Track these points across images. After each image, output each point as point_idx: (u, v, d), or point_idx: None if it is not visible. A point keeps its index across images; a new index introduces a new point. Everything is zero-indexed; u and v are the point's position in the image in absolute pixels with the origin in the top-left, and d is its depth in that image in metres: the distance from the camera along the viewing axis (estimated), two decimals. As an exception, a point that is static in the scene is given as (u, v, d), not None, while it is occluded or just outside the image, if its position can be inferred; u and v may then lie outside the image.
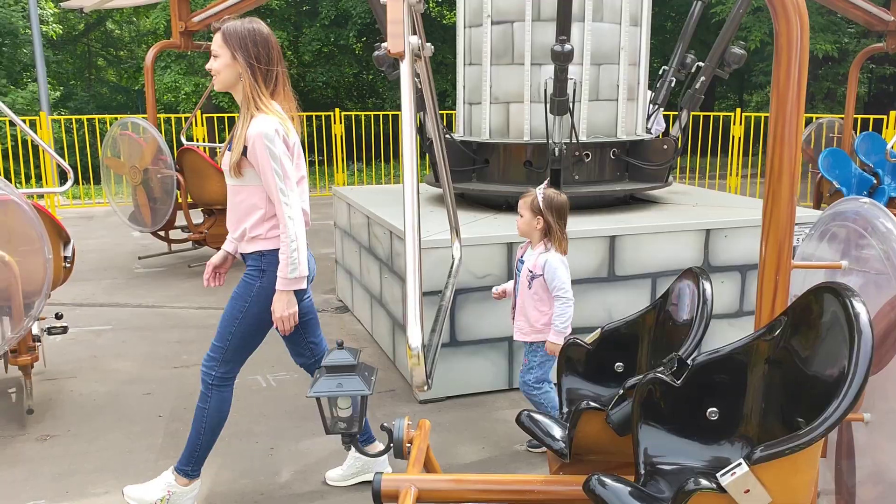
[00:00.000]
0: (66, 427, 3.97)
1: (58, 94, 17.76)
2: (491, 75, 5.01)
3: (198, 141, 10.33)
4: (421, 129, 4.94)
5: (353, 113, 12.40)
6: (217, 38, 2.86)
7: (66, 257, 4.07)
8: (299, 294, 3.07)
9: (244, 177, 2.88)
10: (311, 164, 14.37)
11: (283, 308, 2.98)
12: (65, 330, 4.43)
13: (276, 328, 3.05)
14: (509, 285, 3.74)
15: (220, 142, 13.79)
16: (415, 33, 1.66)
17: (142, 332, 5.59)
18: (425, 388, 1.39)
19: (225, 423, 3.16)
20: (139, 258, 7.73)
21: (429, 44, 1.83)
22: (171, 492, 3.11)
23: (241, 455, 3.69)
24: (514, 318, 3.62)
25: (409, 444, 2.29)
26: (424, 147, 4.89)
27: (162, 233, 7.47)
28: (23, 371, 4.13)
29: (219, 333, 3.11)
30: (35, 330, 4.08)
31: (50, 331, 4.35)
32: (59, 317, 4.40)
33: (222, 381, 3.11)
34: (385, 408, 4.18)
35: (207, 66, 2.97)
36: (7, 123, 11.66)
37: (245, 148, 2.82)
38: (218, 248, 7.33)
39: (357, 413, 2.36)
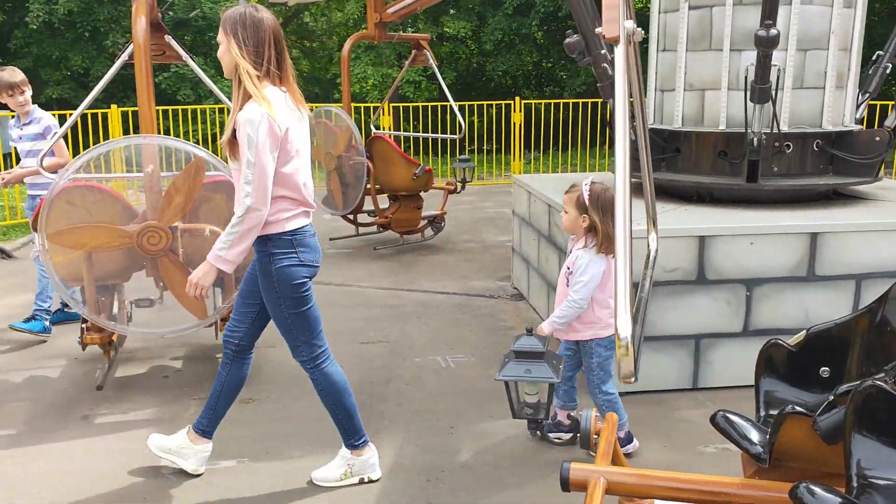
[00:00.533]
0: (266, 393, 4.28)
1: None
2: (686, 61, 4.83)
3: (384, 129, 10.75)
4: (610, 118, 4.86)
5: (531, 101, 12.39)
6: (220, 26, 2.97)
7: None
8: (302, 286, 3.09)
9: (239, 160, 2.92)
10: (488, 152, 14.54)
11: (197, 276, 3.04)
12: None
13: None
14: None
15: (405, 130, 14.26)
16: (629, 18, 1.63)
17: (331, 308, 5.91)
18: (632, 379, 1.38)
19: (351, 401, 3.31)
20: (330, 239, 8.17)
21: (639, 28, 1.79)
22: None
23: (422, 431, 3.82)
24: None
25: (595, 436, 2.27)
26: (612, 136, 4.80)
27: (351, 216, 7.85)
28: (229, 338, 4.49)
29: (281, 329, 3.18)
30: (238, 301, 4.42)
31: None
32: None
33: (316, 361, 3.24)
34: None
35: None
36: (215, 111, 12.66)
37: (234, 131, 2.89)
38: (401, 233, 7.66)
39: (545, 400, 2.38)
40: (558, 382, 2.30)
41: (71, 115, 8.65)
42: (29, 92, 4.98)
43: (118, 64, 4.14)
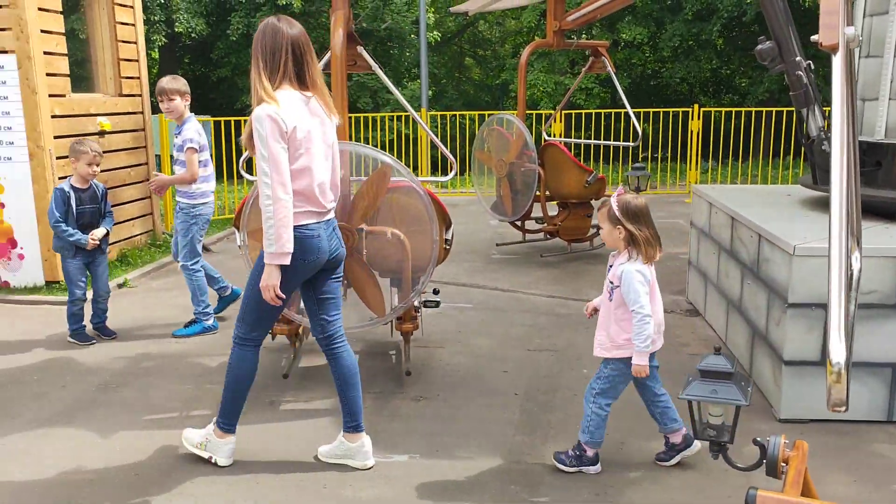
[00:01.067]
0: (436, 391, 4.40)
1: (430, 92, 19.66)
2: (893, 68, 4.47)
3: (555, 137, 10.72)
4: (804, 128, 4.59)
5: (710, 109, 11.91)
6: None
7: (447, 240, 4.49)
8: (326, 273, 3.39)
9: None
10: (662, 160, 14.12)
11: (265, 280, 3.18)
12: (438, 304, 4.90)
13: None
14: (599, 301, 3.40)
15: (576, 138, 14.15)
16: (849, 23, 1.54)
17: (498, 313, 5.98)
18: (843, 409, 1.30)
19: (248, 384, 3.51)
20: (497, 245, 8.26)
21: (859, 35, 1.68)
22: (209, 439, 3.52)
23: (591, 443, 3.77)
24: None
25: (783, 464, 2.16)
26: (805, 146, 4.53)
27: (518, 223, 7.90)
28: (404, 337, 4.66)
29: (242, 301, 3.45)
30: (416, 302, 4.57)
31: (426, 304, 4.84)
32: (436, 292, 4.87)
33: (242, 341, 3.45)
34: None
35: None
36: (393, 118, 13.15)
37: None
38: (569, 241, 7.60)
39: (730, 422, 2.29)
40: (746, 405, 2.20)
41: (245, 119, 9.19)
42: (179, 101, 5.18)
43: (315, 75, 4.39)
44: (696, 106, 11.66)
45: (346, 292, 4.45)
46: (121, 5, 7.16)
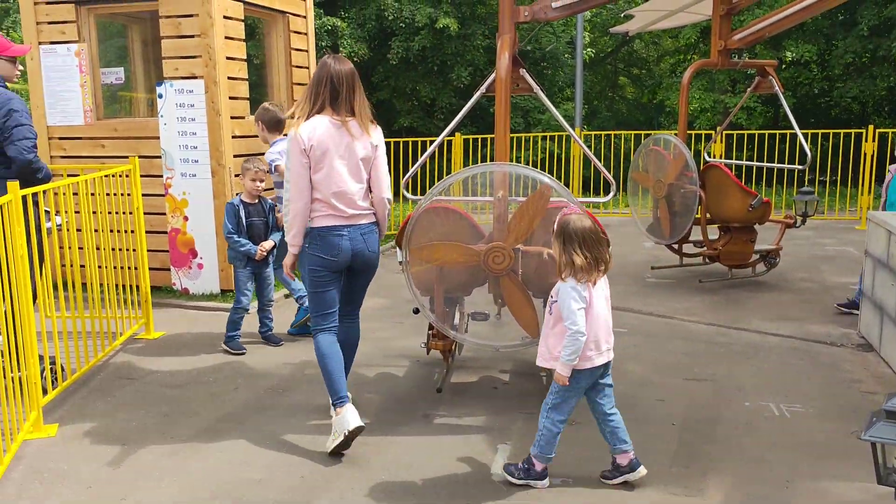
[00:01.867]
0: (589, 416, 4.27)
1: (583, 111, 19.50)
2: None
3: (715, 157, 10.35)
4: None
5: (888, 130, 11.08)
6: None
7: (604, 261, 4.44)
8: (357, 271, 4.13)
9: None
10: (831, 183, 13.29)
11: (284, 260, 4.07)
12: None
13: None
14: None
15: (737, 159, 13.60)
16: None
17: (651, 338, 5.83)
18: None
19: (334, 362, 3.95)
20: (651, 268, 8.06)
21: None
22: (334, 423, 3.89)
23: (753, 481, 3.61)
24: None
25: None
26: None
27: (675, 246, 7.68)
28: (557, 358, 4.63)
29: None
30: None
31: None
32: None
33: (314, 329, 4.05)
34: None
35: None
36: (546, 139, 13.17)
37: None
38: (729, 267, 7.30)
39: (920, 468, 2.13)
40: None
41: (417, 140, 9.46)
42: (258, 128, 5.80)
43: (477, 95, 4.51)
44: (870, 127, 10.91)
45: (500, 311, 4.50)
46: (296, 32, 7.63)
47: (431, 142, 10.67)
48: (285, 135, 5.26)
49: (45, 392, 4.34)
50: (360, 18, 14.96)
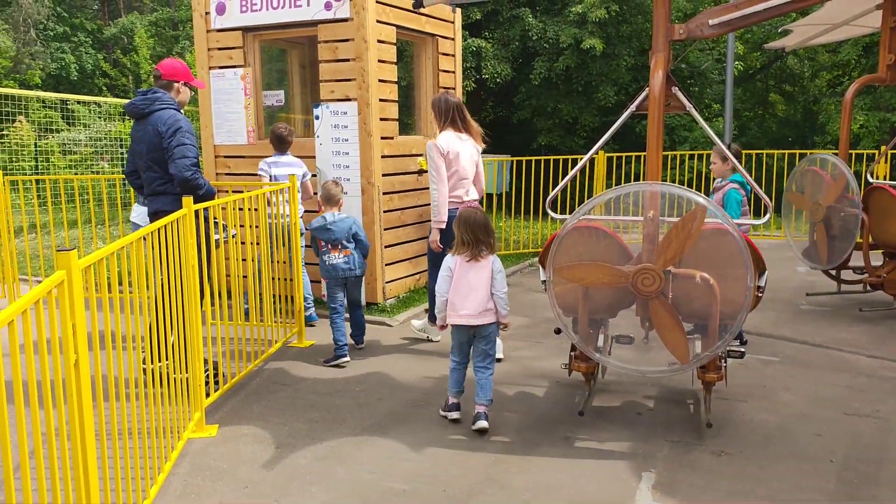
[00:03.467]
0: (738, 447, 4.16)
1: (733, 129, 18.72)
2: None
3: (880, 178, 9.68)
4: None
5: None
6: None
7: (759, 287, 4.26)
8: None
9: None
10: None
11: (431, 238, 5.77)
12: (742, 355, 4.64)
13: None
14: None
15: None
16: None
17: (807, 369, 5.51)
18: None
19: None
20: (807, 294, 7.63)
21: None
22: (426, 327, 6.10)
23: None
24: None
25: None
26: None
27: (833, 272, 7.23)
28: (706, 387, 4.47)
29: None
30: (720, 351, 4.37)
31: (729, 353, 4.61)
32: (744, 343, 4.62)
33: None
34: None
35: None
36: (694, 157, 12.78)
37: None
38: (895, 296, 6.79)
39: None
40: None
41: (559, 158, 9.39)
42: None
43: (627, 114, 4.45)
44: None
45: (647, 335, 4.40)
46: (444, 54, 7.82)
47: (573, 160, 10.63)
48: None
49: (207, 394, 4.63)
50: (503, 39, 15.13)
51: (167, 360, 3.94)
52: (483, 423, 4.36)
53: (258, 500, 3.64)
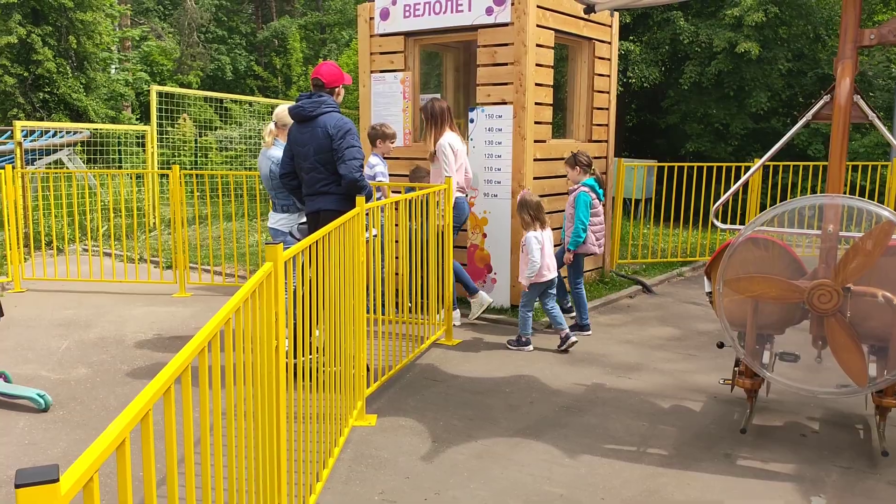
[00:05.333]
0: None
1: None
2: None
3: None
4: None
5: None
6: None
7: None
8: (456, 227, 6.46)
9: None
10: None
11: (448, 217, 6.28)
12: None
13: None
14: None
15: None
16: None
17: None
18: None
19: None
20: None
21: None
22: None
23: None
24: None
25: None
26: None
27: None
28: (881, 412, 4.21)
29: None
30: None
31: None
32: None
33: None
34: None
35: None
36: (852, 168, 12.04)
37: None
38: None
39: None
40: None
41: (702, 166, 9.09)
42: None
43: (802, 122, 4.27)
44: None
45: (821, 354, 4.19)
46: (600, 58, 7.76)
47: (726, 168, 10.25)
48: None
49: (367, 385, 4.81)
50: (653, 42, 14.79)
51: (313, 353, 4.11)
52: (575, 338, 6.10)
53: (419, 491, 3.75)
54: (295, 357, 3.80)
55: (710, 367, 5.68)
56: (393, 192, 6.73)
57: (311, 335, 3.87)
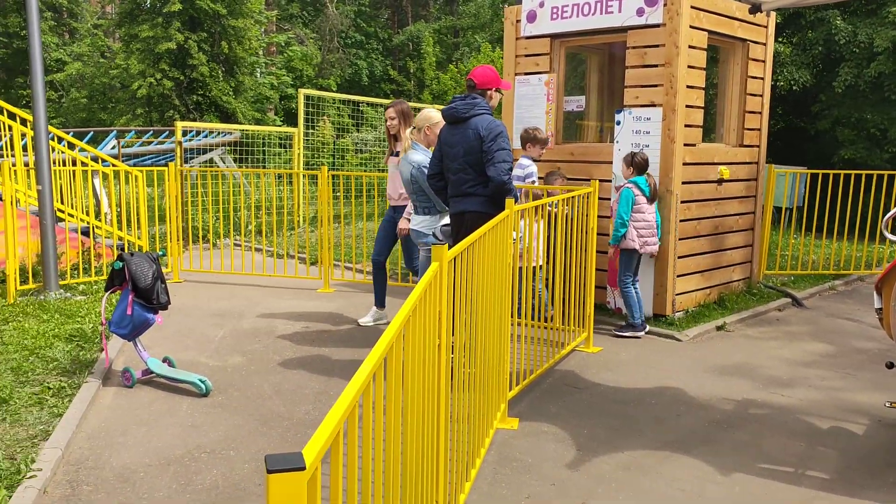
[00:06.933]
0: None
1: None
2: None
3: None
4: None
5: None
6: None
7: None
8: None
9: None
10: None
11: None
12: None
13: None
14: None
15: None
16: None
17: None
18: None
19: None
20: None
21: None
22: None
23: None
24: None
25: None
26: None
27: None
28: None
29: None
30: None
31: None
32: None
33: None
34: None
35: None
36: None
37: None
38: None
39: None
40: None
41: (860, 174, 8.53)
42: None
43: None
44: None
45: None
46: (754, 60, 7.43)
47: (881, 177, 9.56)
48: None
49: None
50: (804, 43, 14.03)
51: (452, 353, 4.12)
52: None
53: (566, 499, 3.70)
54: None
55: (871, 388, 5.33)
56: (535, 195, 6.70)
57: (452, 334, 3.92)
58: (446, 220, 5.71)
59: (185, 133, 15.46)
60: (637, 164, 6.48)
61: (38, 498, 3.58)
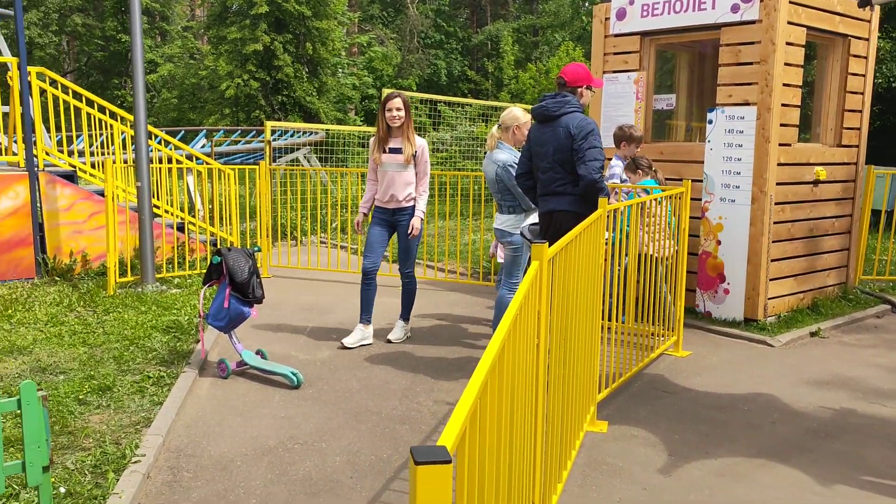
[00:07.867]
0: None
1: None
2: None
3: None
4: None
5: None
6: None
7: None
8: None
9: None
10: None
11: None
12: None
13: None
14: None
15: None
16: None
17: None
18: None
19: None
20: None
21: None
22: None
23: None
24: None
25: None
26: None
27: None
28: None
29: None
30: None
31: None
32: None
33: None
34: None
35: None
36: None
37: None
38: None
39: None
40: None
41: None
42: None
43: None
44: None
45: None
46: (855, 56, 7.14)
47: None
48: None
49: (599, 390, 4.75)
50: (904, 39, 13.44)
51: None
52: None
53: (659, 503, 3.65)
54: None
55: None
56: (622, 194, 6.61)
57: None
58: (531, 218, 5.69)
59: (273, 132, 15.85)
60: (643, 166, 6.42)
61: (143, 483, 3.73)
